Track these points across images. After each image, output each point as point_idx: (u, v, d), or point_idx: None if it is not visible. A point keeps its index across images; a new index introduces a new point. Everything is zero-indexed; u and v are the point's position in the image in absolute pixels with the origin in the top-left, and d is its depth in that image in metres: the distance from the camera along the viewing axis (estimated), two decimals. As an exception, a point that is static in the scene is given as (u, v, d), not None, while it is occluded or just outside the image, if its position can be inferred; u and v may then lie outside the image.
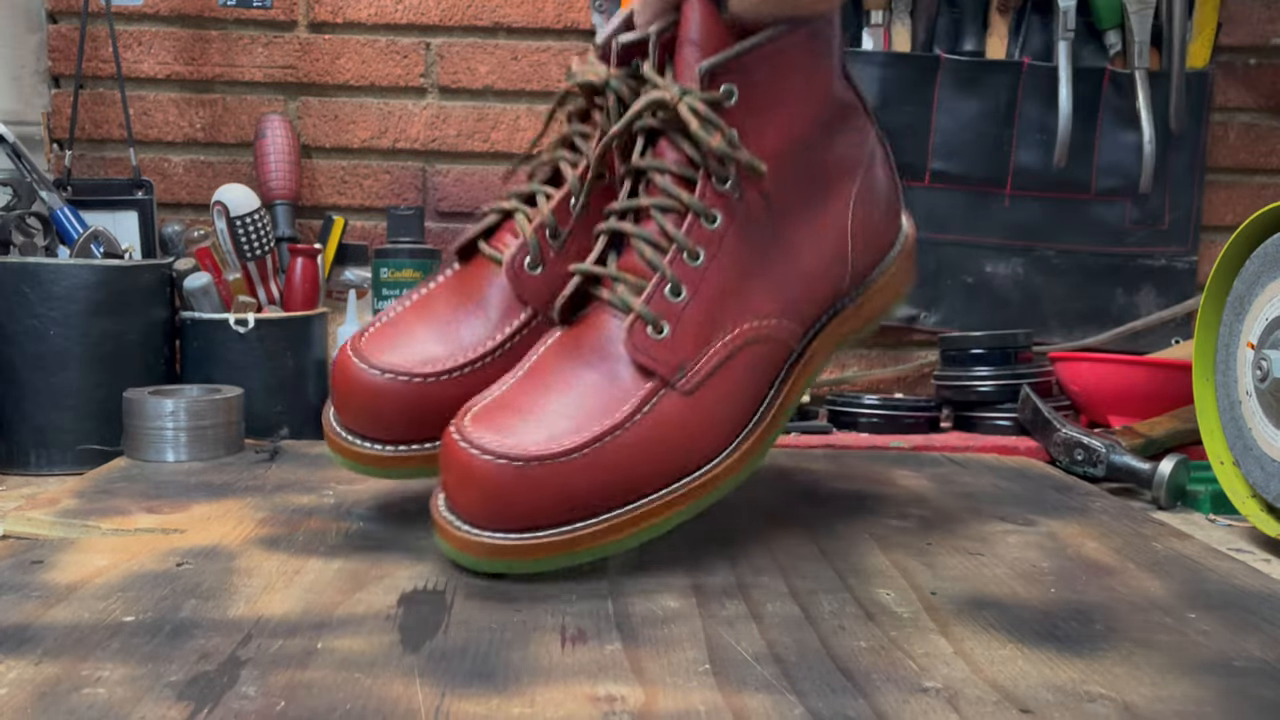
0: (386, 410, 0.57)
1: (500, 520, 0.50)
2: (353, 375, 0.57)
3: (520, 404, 0.52)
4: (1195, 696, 0.40)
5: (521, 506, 0.50)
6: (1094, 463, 0.87)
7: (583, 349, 0.54)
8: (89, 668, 0.41)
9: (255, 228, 1.00)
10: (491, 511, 0.50)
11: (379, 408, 0.57)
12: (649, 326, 0.52)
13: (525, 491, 0.49)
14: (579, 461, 0.50)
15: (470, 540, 0.51)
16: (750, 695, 0.40)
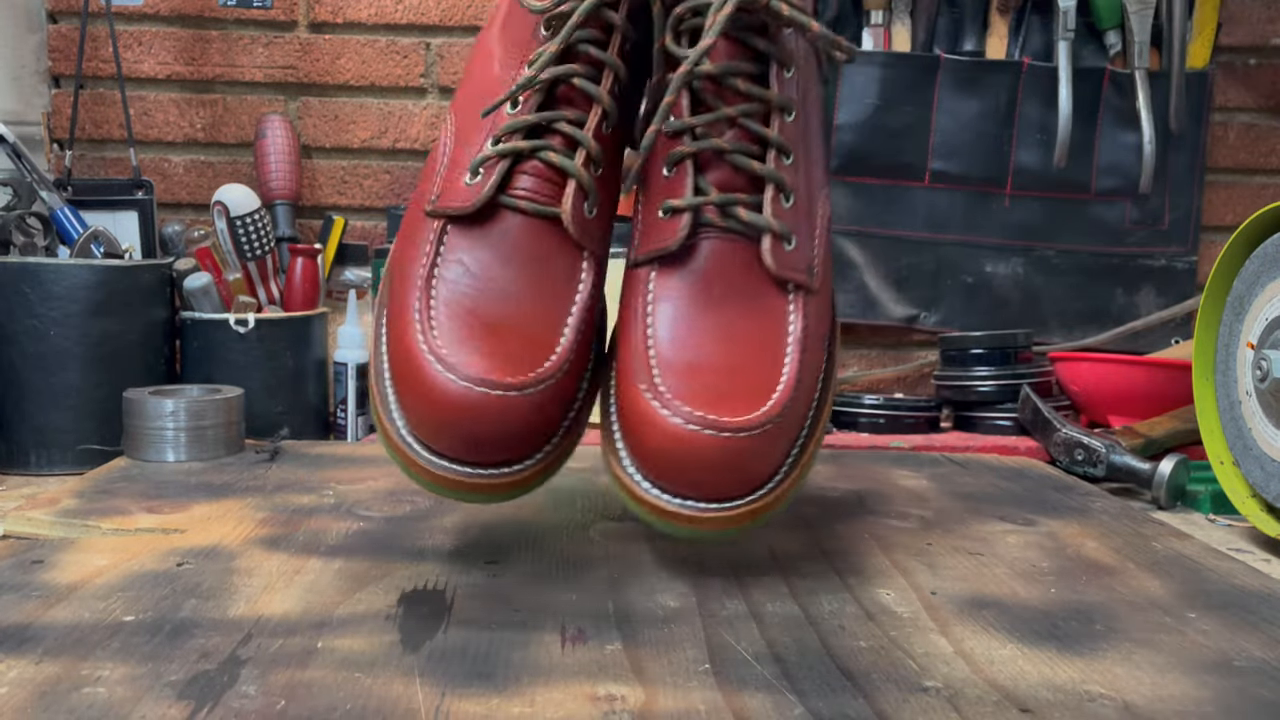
0: (493, 429, 0.47)
1: (745, 487, 0.47)
2: (444, 389, 0.46)
3: (706, 365, 0.48)
4: (1195, 696, 0.40)
5: (761, 467, 0.47)
6: (1094, 463, 0.87)
7: (715, 286, 0.50)
8: (89, 667, 0.41)
9: (255, 228, 1.00)
10: (739, 482, 0.47)
11: (482, 429, 0.47)
12: (784, 241, 0.50)
13: (767, 453, 0.47)
14: (793, 403, 0.47)
15: (728, 516, 0.47)
16: (750, 695, 0.40)
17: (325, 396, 1.04)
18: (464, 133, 0.53)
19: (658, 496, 0.47)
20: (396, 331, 0.49)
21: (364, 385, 1.04)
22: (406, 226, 0.53)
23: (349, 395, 1.03)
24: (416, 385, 0.47)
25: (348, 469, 0.77)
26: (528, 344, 0.48)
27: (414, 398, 0.47)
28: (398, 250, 0.52)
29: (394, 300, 0.50)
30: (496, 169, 0.51)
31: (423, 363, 0.46)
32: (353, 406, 1.03)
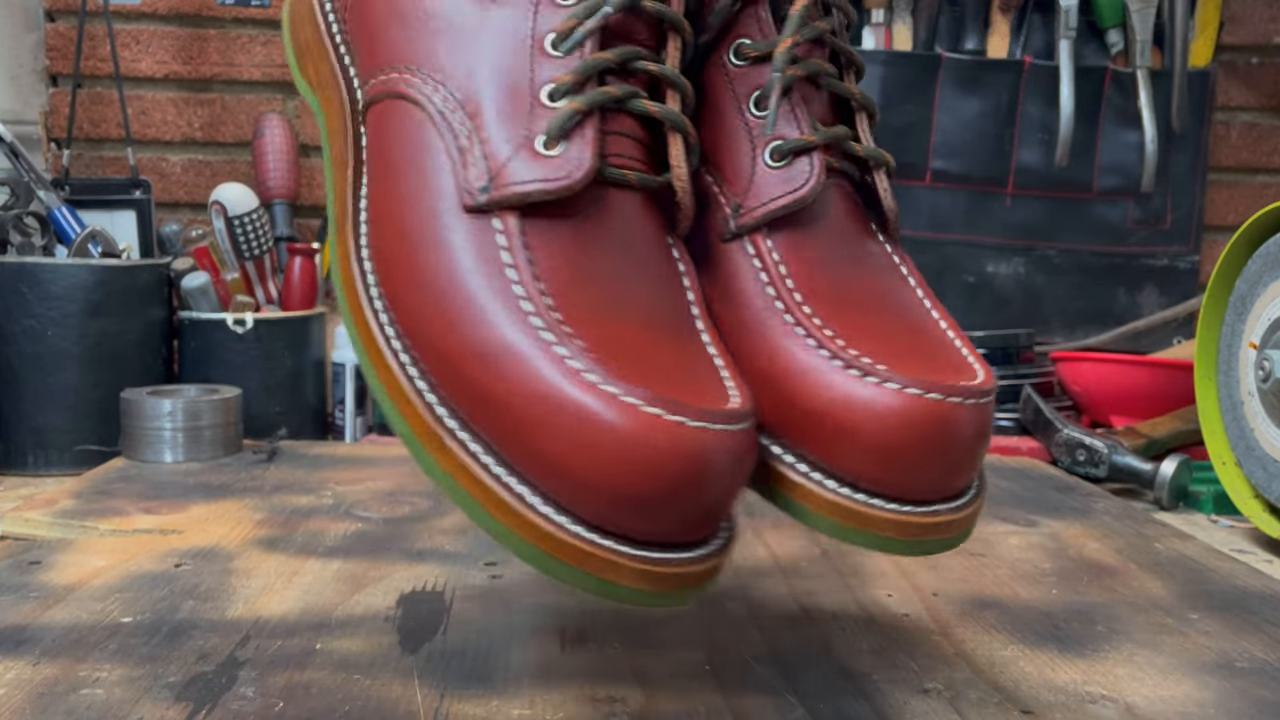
0: (716, 480, 0.33)
1: (974, 471, 0.38)
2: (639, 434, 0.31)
3: (886, 330, 0.39)
4: (1197, 697, 0.40)
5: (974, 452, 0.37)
6: (1096, 463, 0.87)
7: (842, 242, 0.41)
8: (87, 668, 0.41)
9: (253, 227, 1.00)
10: (974, 465, 0.38)
11: (708, 480, 0.32)
12: (891, 178, 0.43)
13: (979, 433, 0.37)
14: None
15: (969, 513, 0.37)
16: (751, 696, 0.39)
17: (323, 397, 1.04)
18: (471, 90, 0.38)
19: (880, 506, 0.36)
20: (515, 378, 0.33)
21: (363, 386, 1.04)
22: (402, 241, 0.37)
23: (347, 395, 1.02)
24: (584, 437, 0.31)
25: (346, 469, 0.77)
26: (684, 363, 0.36)
27: (582, 455, 0.31)
28: (405, 274, 0.36)
29: (467, 340, 0.34)
30: (593, 127, 0.37)
31: (590, 406, 0.31)
32: (351, 407, 1.02)
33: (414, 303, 0.35)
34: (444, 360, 0.34)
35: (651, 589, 0.32)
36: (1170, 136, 1.21)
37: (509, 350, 0.33)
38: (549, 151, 0.37)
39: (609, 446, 0.31)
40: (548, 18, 0.38)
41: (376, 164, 0.39)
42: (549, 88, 0.38)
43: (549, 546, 0.32)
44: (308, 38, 0.47)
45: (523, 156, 0.37)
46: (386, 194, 0.38)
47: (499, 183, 0.36)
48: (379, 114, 0.40)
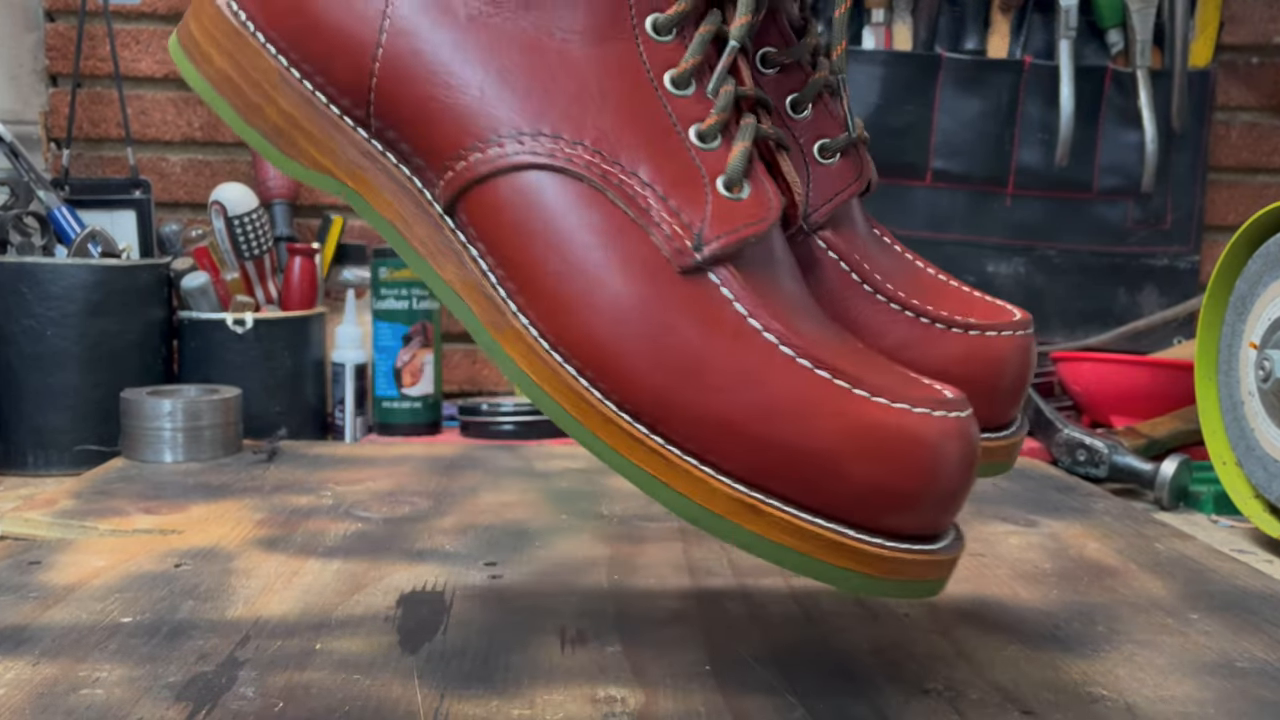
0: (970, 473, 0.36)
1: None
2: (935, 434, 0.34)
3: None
4: (1198, 697, 0.40)
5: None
6: (1096, 463, 0.87)
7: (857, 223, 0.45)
8: (87, 668, 0.41)
9: (253, 227, 1.00)
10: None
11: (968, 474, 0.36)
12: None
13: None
14: None
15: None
16: (751, 696, 0.39)
17: (323, 397, 1.04)
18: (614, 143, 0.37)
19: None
20: (818, 422, 0.34)
21: (363, 386, 1.04)
22: (617, 324, 0.36)
23: (347, 395, 1.02)
24: (906, 454, 0.34)
25: (346, 469, 0.77)
26: (891, 366, 0.37)
27: (900, 469, 0.34)
28: (636, 355, 0.35)
29: (747, 404, 0.34)
30: (757, 161, 0.38)
31: (908, 425, 0.34)
32: (350, 407, 1.02)
33: (662, 384, 0.35)
34: (724, 429, 0.34)
35: (946, 575, 0.36)
36: (1170, 136, 1.21)
37: (802, 397, 0.34)
38: (736, 195, 0.37)
39: (922, 453, 0.34)
40: (656, 55, 0.38)
41: (525, 248, 0.37)
42: (695, 128, 0.37)
43: (879, 568, 0.34)
44: (287, 115, 0.41)
45: (716, 205, 0.36)
46: (563, 277, 0.36)
47: (708, 236, 0.36)
48: (498, 193, 0.37)
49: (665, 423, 0.35)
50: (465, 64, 0.38)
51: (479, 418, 1.02)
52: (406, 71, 0.38)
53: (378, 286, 1.05)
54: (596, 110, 0.37)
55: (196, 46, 0.42)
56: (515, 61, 0.38)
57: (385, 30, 0.39)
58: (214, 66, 0.41)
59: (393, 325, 1.04)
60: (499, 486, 0.72)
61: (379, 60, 0.39)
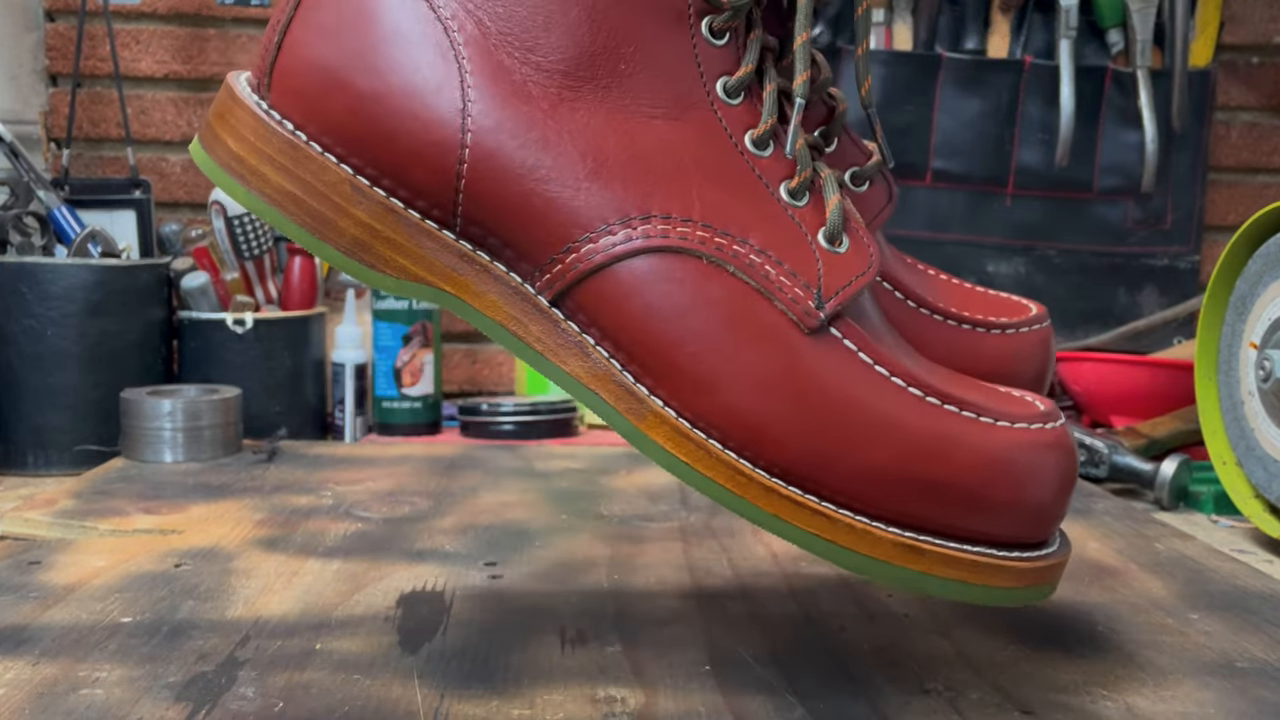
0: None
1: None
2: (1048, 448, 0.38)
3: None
4: (1198, 698, 0.40)
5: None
6: (1096, 463, 0.87)
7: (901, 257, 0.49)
8: (86, 668, 0.41)
9: (253, 227, 1.00)
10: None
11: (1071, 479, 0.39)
12: None
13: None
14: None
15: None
16: (751, 696, 0.39)
17: (323, 397, 1.04)
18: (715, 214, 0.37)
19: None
20: (965, 456, 0.36)
21: (362, 386, 1.04)
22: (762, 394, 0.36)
23: (347, 395, 1.02)
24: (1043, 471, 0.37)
25: (346, 470, 0.77)
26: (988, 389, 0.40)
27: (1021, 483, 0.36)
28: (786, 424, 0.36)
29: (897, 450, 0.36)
30: (852, 215, 0.39)
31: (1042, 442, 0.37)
32: (350, 407, 1.02)
33: (813, 445, 0.36)
34: (878, 477, 0.36)
35: (1057, 578, 0.39)
36: (1170, 136, 1.21)
37: (948, 433, 0.36)
38: (838, 248, 0.38)
39: (1051, 468, 0.37)
40: (733, 119, 0.38)
41: (655, 333, 0.37)
42: (785, 186, 0.38)
43: (1034, 579, 0.37)
44: (368, 226, 0.38)
45: (826, 262, 0.37)
46: (699, 357, 0.36)
47: (827, 294, 0.37)
48: (616, 282, 0.37)
49: (818, 480, 0.36)
50: (560, 154, 0.37)
51: (479, 418, 1.02)
52: (499, 170, 0.37)
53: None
54: (698, 183, 0.37)
55: (241, 162, 0.38)
56: (608, 144, 0.37)
57: (468, 130, 0.37)
58: (270, 184, 0.38)
59: (393, 325, 1.04)
60: (499, 486, 0.72)
61: (466, 162, 0.37)
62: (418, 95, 0.37)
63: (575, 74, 0.37)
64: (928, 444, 0.36)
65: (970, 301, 0.47)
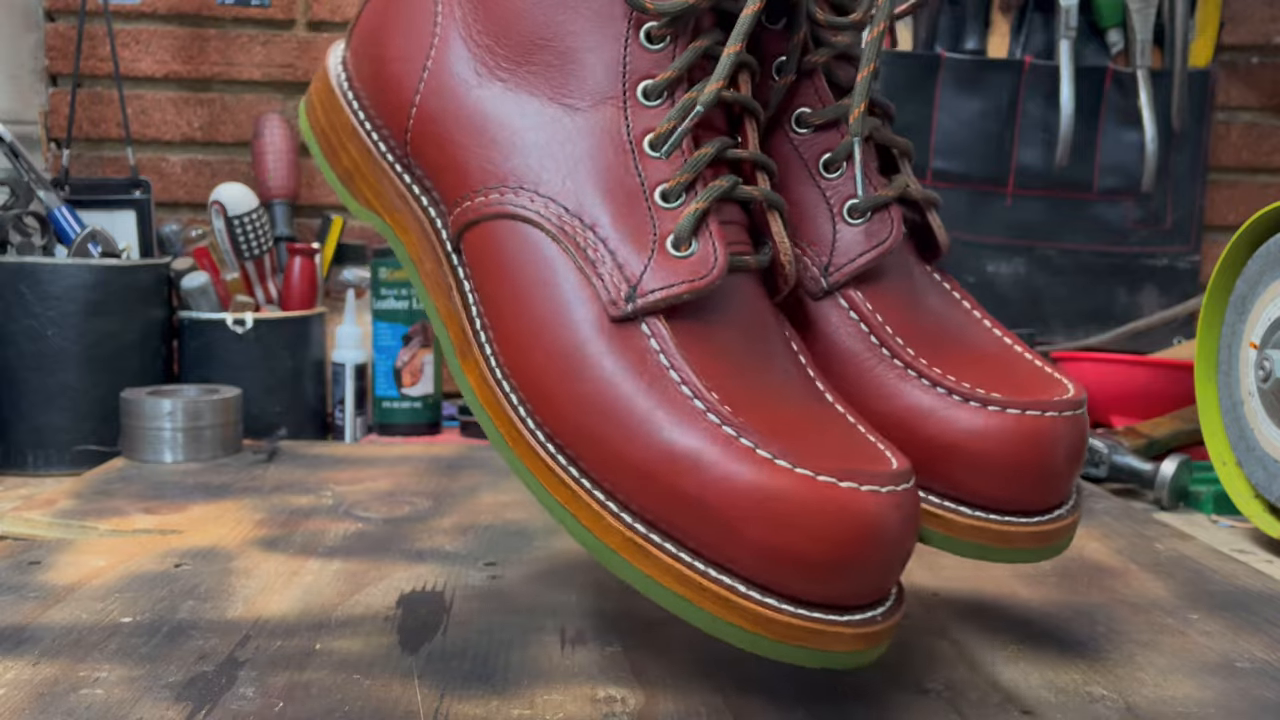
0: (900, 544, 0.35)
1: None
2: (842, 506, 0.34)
3: (984, 358, 0.43)
4: (1198, 698, 0.40)
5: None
6: (1096, 463, 0.87)
7: (914, 283, 0.45)
8: (87, 668, 0.41)
9: (253, 227, 1.00)
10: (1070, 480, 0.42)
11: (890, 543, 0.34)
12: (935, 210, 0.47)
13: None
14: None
15: (1074, 520, 0.42)
16: (751, 696, 0.39)
17: (323, 397, 1.04)
18: (582, 201, 0.40)
19: (1016, 521, 0.40)
20: (714, 475, 0.34)
21: (363, 386, 1.04)
22: (551, 361, 0.38)
23: (347, 395, 1.02)
24: (792, 518, 0.33)
25: (346, 470, 0.77)
26: (838, 432, 0.37)
27: (791, 535, 0.33)
28: (566, 395, 0.38)
29: (652, 448, 0.36)
30: (714, 223, 0.39)
31: (793, 489, 0.33)
32: (350, 407, 1.02)
33: (582, 422, 0.37)
34: (629, 471, 0.36)
35: (866, 647, 0.35)
36: (1170, 136, 1.21)
37: (700, 450, 0.35)
38: (681, 253, 0.39)
39: (818, 523, 0.33)
40: (640, 119, 0.40)
41: (496, 287, 0.40)
42: (661, 188, 0.39)
43: (768, 630, 0.34)
44: (354, 161, 0.47)
45: (659, 261, 0.38)
46: (518, 316, 0.39)
47: (643, 290, 0.38)
48: (484, 236, 0.41)
49: (583, 458, 0.37)
50: (473, 123, 0.42)
51: (479, 418, 1.01)
52: (432, 127, 0.43)
53: (378, 286, 1.05)
54: (579, 171, 0.40)
55: (309, 100, 0.50)
56: (517, 123, 0.42)
57: (419, 92, 0.44)
58: (314, 117, 0.49)
59: (393, 325, 1.04)
60: (499, 486, 0.72)
61: (412, 119, 0.44)
62: (398, 60, 0.45)
63: (512, 59, 0.42)
64: (686, 455, 0.35)
65: (981, 367, 0.42)
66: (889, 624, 0.35)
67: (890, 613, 0.36)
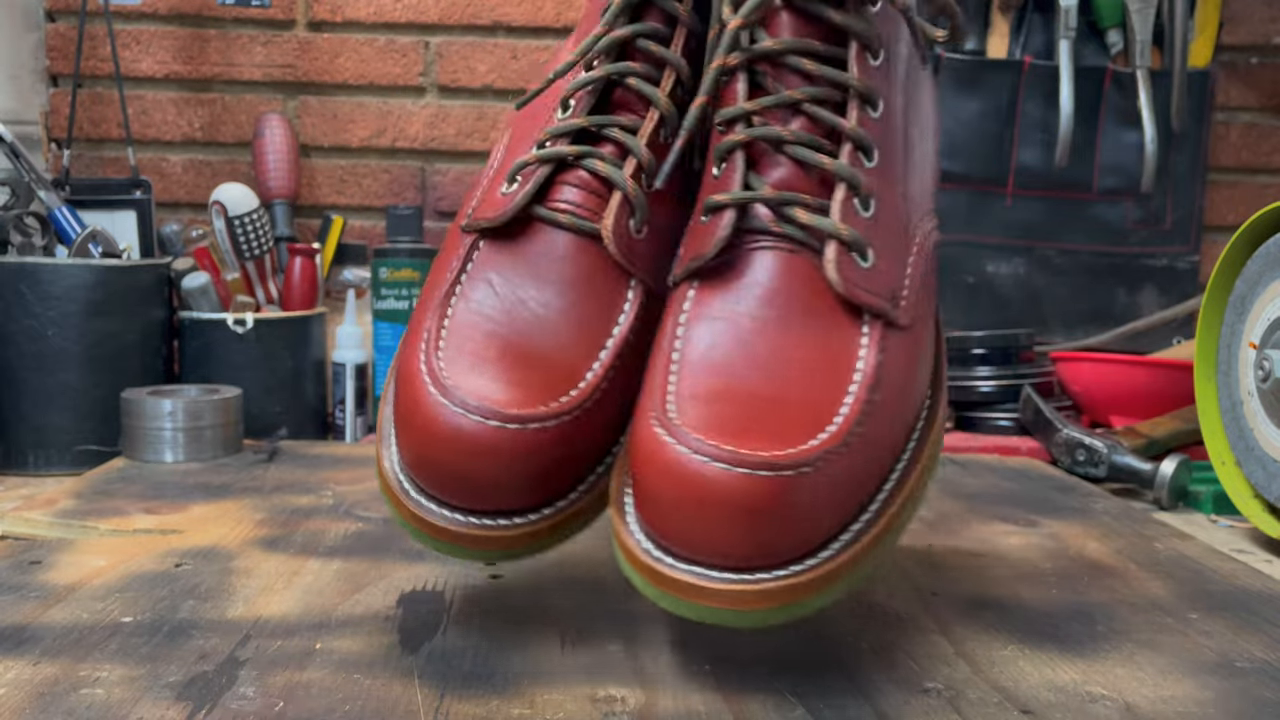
0: (489, 469, 0.40)
1: (778, 553, 0.36)
2: (437, 417, 0.40)
3: (739, 392, 0.38)
4: (1197, 697, 0.40)
5: (802, 527, 0.36)
6: (1095, 463, 0.87)
7: (765, 305, 0.41)
8: (87, 668, 0.41)
9: (254, 227, 1.00)
10: (767, 544, 0.36)
11: (477, 467, 0.40)
12: (857, 254, 0.41)
13: (808, 507, 0.36)
14: (856, 449, 0.37)
15: (753, 591, 0.36)
16: (751, 696, 0.39)
17: (324, 397, 1.04)
18: (515, 141, 0.48)
19: (658, 558, 0.37)
20: (402, 355, 0.43)
21: (363, 386, 1.04)
22: (443, 246, 0.47)
23: (347, 395, 1.02)
24: (412, 413, 0.40)
25: (346, 470, 0.77)
26: (550, 375, 0.41)
27: (408, 428, 0.40)
28: (430, 273, 0.47)
29: (410, 321, 0.44)
30: (534, 176, 0.45)
31: (419, 386, 0.40)
32: (351, 407, 1.02)
33: (414, 311, 0.45)
34: (395, 377, 0.43)
35: (462, 548, 0.41)
36: (1170, 136, 1.21)
37: (409, 356, 0.42)
38: (505, 191, 0.45)
39: (426, 432, 0.40)
40: (566, 86, 0.47)
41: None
42: (536, 141, 0.46)
43: (403, 514, 0.42)
44: None
45: (492, 194, 0.46)
46: (456, 217, 0.49)
47: (475, 211, 0.46)
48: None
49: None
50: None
51: (479, 418, 1.01)
52: None
53: (378, 286, 1.05)
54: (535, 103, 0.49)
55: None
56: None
57: None
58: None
59: (393, 325, 1.04)
60: (499, 486, 0.72)
61: None
62: None
63: None
64: (404, 379, 0.41)
65: (736, 399, 0.39)
66: (464, 531, 0.40)
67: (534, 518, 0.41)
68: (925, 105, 0.48)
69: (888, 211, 0.43)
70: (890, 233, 0.43)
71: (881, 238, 0.42)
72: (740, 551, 0.36)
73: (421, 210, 1.13)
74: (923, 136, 0.47)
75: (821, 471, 0.36)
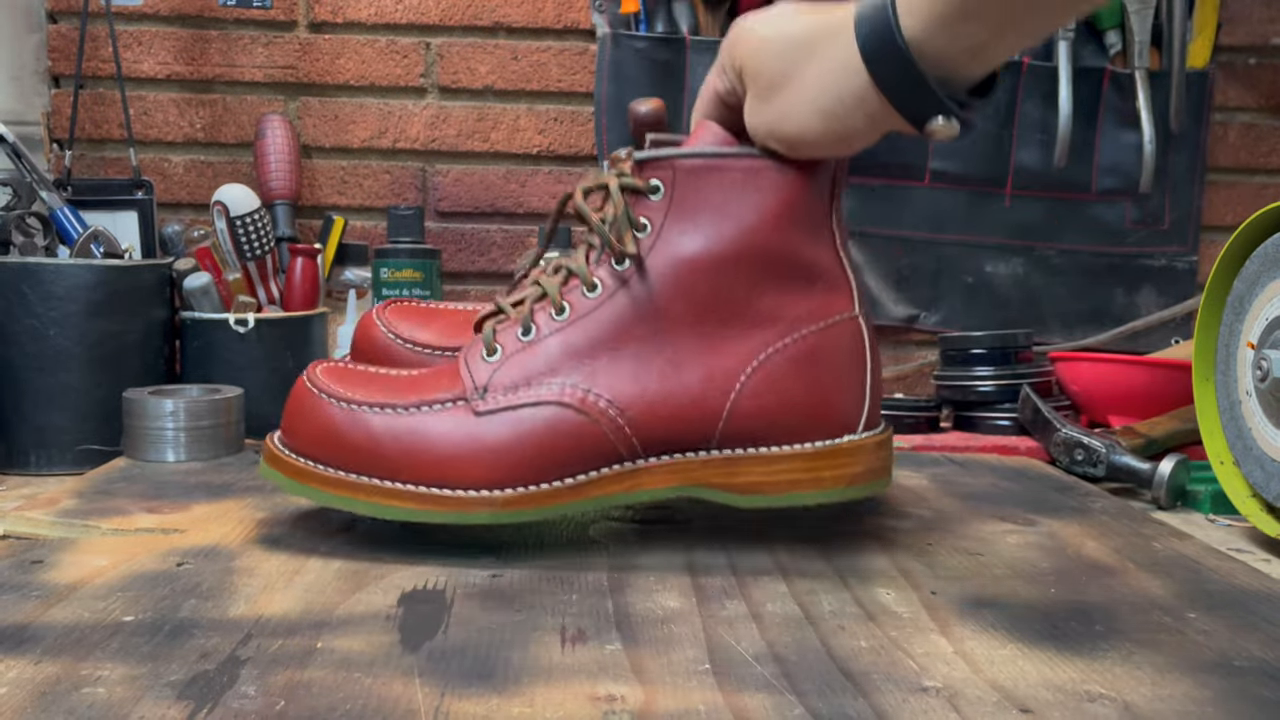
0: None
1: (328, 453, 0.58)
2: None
3: (369, 379, 0.60)
4: (1195, 696, 0.40)
5: (346, 444, 0.57)
6: (1094, 463, 0.87)
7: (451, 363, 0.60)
8: (88, 667, 0.41)
9: (255, 228, 1.00)
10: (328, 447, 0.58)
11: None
12: (484, 349, 0.57)
13: (347, 430, 0.57)
14: (379, 418, 0.57)
15: (299, 468, 0.58)
16: (750, 695, 0.40)
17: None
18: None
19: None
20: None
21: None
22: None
23: (349, 395, 1.02)
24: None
25: (347, 469, 0.77)
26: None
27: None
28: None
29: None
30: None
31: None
32: (352, 406, 1.02)
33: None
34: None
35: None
36: (1168, 137, 1.21)
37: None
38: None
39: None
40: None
41: None
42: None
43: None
44: None
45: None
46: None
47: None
48: None
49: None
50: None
51: (479, 418, 1.02)
52: None
53: (379, 287, 1.06)
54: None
55: None
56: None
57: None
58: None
59: (393, 325, 1.04)
60: (499, 486, 0.72)
61: None
62: None
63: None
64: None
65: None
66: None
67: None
68: (689, 358, 0.58)
69: (538, 349, 0.57)
70: (524, 360, 0.57)
71: (516, 356, 0.57)
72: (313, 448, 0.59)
73: (422, 210, 1.14)
74: (664, 369, 0.57)
75: (354, 414, 0.59)
